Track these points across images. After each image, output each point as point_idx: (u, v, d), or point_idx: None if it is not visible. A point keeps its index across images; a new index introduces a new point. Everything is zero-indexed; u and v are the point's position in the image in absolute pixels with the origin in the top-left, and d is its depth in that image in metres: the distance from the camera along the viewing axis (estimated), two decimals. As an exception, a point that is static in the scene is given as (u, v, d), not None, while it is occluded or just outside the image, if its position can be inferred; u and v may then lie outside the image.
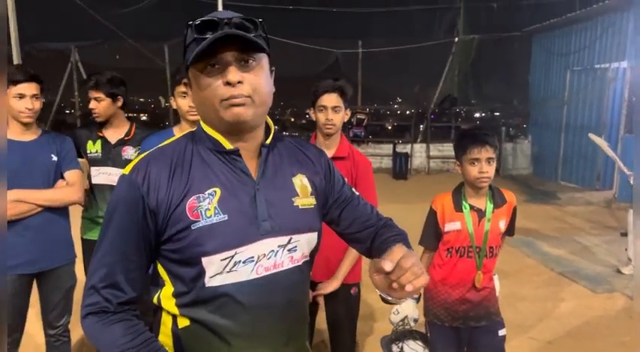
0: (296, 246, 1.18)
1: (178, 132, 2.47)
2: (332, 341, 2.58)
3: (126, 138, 2.92)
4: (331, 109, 2.34)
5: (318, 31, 12.48)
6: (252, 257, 1.11)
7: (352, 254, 2.37)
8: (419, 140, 12.37)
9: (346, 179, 1.42)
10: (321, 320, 2.63)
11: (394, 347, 2.46)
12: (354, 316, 2.53)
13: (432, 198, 2.37)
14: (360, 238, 1.36)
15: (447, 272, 2.27)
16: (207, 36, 1.06)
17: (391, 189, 9.49)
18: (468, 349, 2.35)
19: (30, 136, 2.48)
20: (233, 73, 1.08)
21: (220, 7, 11.86)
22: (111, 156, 2.88)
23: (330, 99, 2.34)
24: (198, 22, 1.08)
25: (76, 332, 3.02)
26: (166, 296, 1.15)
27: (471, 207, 2.23)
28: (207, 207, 1.09)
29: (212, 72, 1.09)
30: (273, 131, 1.23)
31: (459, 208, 2.24)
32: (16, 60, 11.96)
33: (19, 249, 2.39)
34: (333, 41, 12.46)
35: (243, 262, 1.10)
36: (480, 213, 2.23)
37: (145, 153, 1.16)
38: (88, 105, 2.93)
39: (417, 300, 2.40)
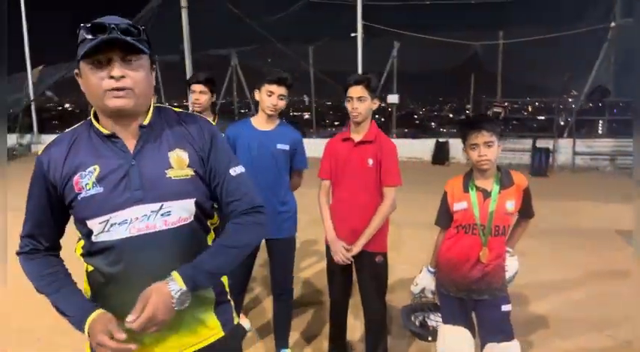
0: (170, 211, 1.39)
1: (255, 121, 3.01)
2: (363, 305, 2.91)
3: None
4: (356, 99, 2.69)
5: (456, 24, 12.28)
6: (126, 220, 1.36)
7: (374, 223, 2.69)
8: (565, 135, 11.50)
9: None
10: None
11: (413, 318, 2.71)
12: (380, 283, 2.83)
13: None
14: (224, 214, 1.52)
15: (452, 244, 2.47)
16: (98, 37, 1.27)
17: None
18: (476, 319, 2.52)
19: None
20: (116, 69, 1.30)
21: (359, 8, 12.46)
22: None
23: (356, 91, 2.69)
24: (89, 25, 1.29)
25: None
26: (79, 247, 1.48)
27: (477, 188, 2.40)
28: (87, 182, 1.36)
29: (100, 67, 1.30)
30: (151, 114, 1.44)
31: (466, 189, 2.42)
32: (188, 66, 14.02)
33: None
34: (472, 33, 12.15)
35: (119, 224, 1.36)
36: (486, 194, 2.38)
37: (54, 138, 1.46)
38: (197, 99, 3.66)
39: (434, 274, 2.62)
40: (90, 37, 1.28)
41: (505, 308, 2.42)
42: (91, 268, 1.46)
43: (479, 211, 2.37)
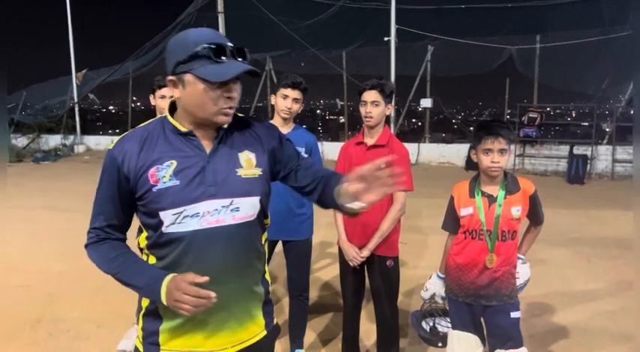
0: (238, 207, 1.48)
1: None
2: (375, 309, 2.93)
3: None
4: (370, 103, 2.72)
5: (491, 29, 12.06)
6: (198, 213, 1.44)
7: (383, 227, 2.70)
8: (605, 141, 11.14)
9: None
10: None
11: (424, 323, 2.71)
12: (391, 287, 2.84)
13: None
14: (313, 188, 1.63)
15: (459, 250, 2.46)
16: (222, 59, 1.38)
17: (562, 193, 8.88)
18: (484, 325, 2.49)
19: None
20: (235, 92, 1.44)
21: (393, 13, 12.45)
22: None
23: (370, 95, 2.72)
24: (214, 46, 1.38)
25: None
26: (142, 239, 1.54)
27: (483, 194, 2.39)
28: (164, 175, 1.43)
29: (215, 85, 1.40)
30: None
31: (472, 195, 2.42)
32: (224, 70, 14.30)
33: None
34: (508, 37, 11.92)
35: (191, 216, 1.43)
36: (491, 199, 2.37)
37: (125, 134, 1.52)
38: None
39: (444, 279, 2.61)
40: (216, 58, 1.38)
41: (514, 315, 2.39)
42: (153, 260, 1.52)
43: (485, 216, 2.36)
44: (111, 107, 22.70)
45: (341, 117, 16.44)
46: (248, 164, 1.53)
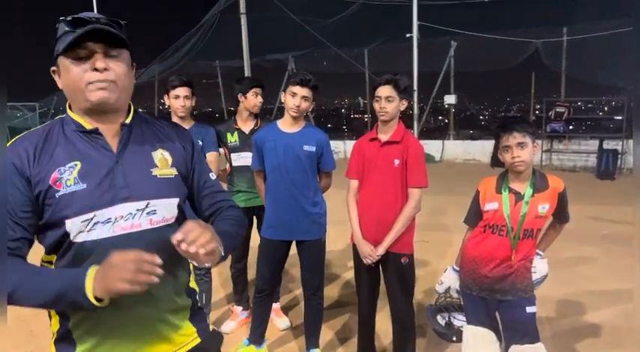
0: (155, 210, 1.35)
1: (281, 124, 3.05)
2: (390, 306, 2.89)
3: (255, 128, 3.64)
4: (384, 99, 2.69)
5: (516, 22, 11.80)
6: (110, 218, 1.30)
7: (398, 225, 2.67)
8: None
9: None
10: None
11: (439, 317, 2.67)
12: (406, 284, 2.80)
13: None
14: (206, 215, 1.55)
15: (477, 243, 2.43)
16: (78, 30, 1.25)
17: (592, 189, 8.66)
18: (500, 320, 2.45)
19: (186, 126, 3.35)
20: (100, 61, 1.27)
21: (415, 8, 12.33)
22: (247, 143, 3.59)
23: (384, 90, 2.69)
24: (69, 18, 1.26)
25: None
26: (49, 254, 1.35)
27: (510, 190, 2.34)
28: (67, 178, 1.28)
29: (81, 60, 1.27)
30: (132, 112, 1.43)
31: (498, 190, 2.38)
32: (247, 70, 14.39)
33: None
34: (533, 31, 11.67)
35: (102, 223, 1.29)
36: (518, 196, 2.32)
37: (21, 134, 1.35)
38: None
39: (459, 272, 2.57)
40: (70, 30, 1.26)
41: (530, 309, 2.36)
42: None
43: (510, 213, 2.32)
44: (139, 110, 23.11)
45: (365, 116, 16.39)
46: (163, 163, 1.42)
